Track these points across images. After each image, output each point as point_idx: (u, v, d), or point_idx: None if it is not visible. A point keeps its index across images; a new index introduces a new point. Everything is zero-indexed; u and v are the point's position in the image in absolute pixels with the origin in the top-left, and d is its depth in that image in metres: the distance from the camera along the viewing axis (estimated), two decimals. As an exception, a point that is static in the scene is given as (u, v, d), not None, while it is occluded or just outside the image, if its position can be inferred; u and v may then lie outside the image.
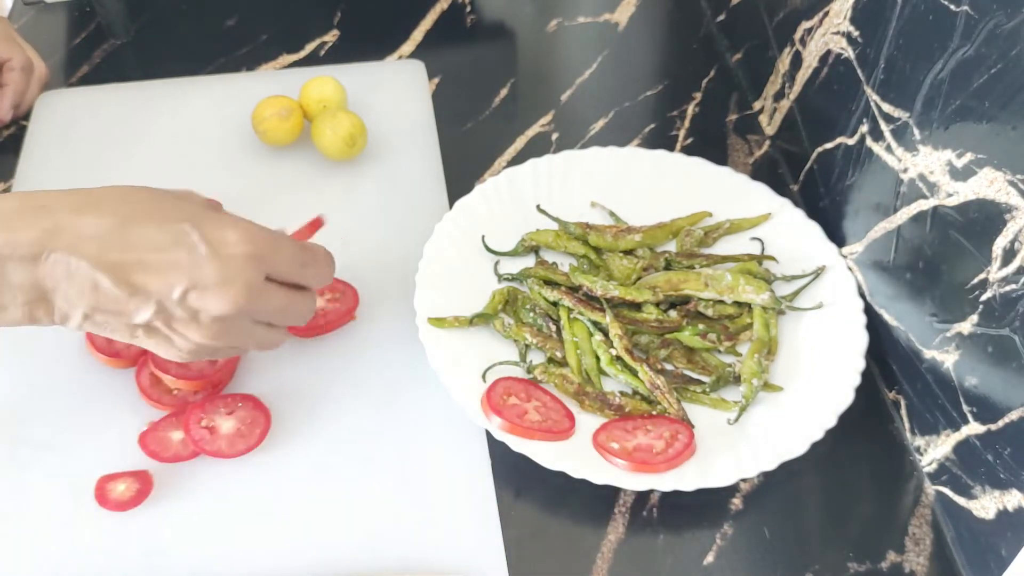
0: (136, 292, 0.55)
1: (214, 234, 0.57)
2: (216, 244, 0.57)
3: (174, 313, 0.57)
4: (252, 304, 0.58)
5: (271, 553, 0.63)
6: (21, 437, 0.68)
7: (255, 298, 0.58)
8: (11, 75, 0.88)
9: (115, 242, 0.55)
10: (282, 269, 0.60)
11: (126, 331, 0.58)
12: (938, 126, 0.63)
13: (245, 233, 0.58)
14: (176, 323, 0.57)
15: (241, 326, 0.59)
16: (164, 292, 0.55)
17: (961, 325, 0.62)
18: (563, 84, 0.95)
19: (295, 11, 1.02)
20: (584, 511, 0.66)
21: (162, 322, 0.57)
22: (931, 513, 0.66)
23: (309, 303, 0.63)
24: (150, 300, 0.56)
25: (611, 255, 0.77)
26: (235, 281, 0.57)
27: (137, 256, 0.55)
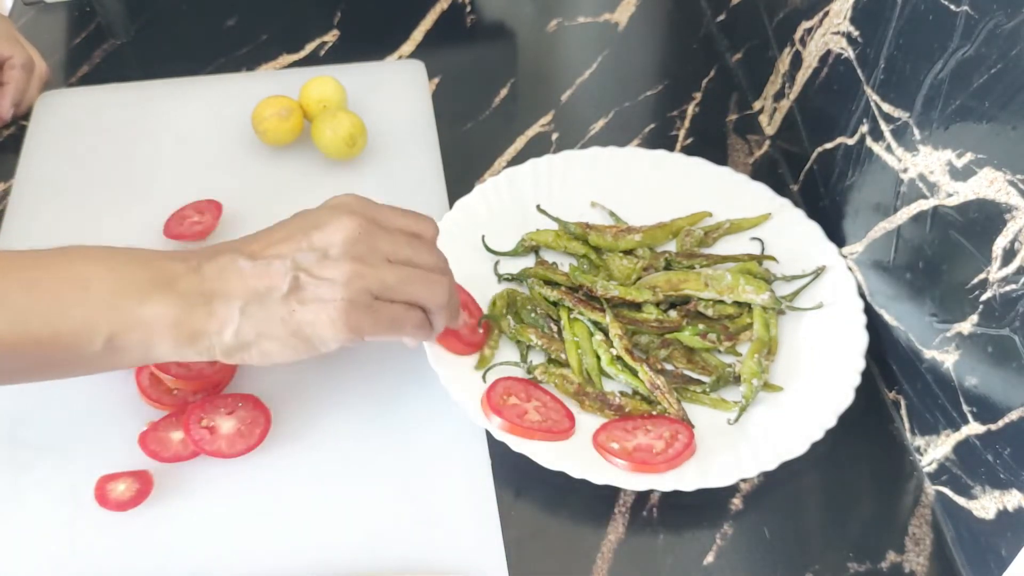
0: (272, 259, 0.60)
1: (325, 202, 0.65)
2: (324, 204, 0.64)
3: (308, 261, 0.60)
4: (368, 225, 0.62)
5: (271, 553, 0.63)
6: (21, 438, 0.68)
7: (370, 224, 0.62)
8: (12, 73, 0.88)
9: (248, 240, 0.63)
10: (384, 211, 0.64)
11: (282, 308, 0.60)
12: (938, 126, 0.63)
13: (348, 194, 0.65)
14: (315, 269, 0.60)
15: (372, 257, 0.61)
16: (294, 248, 0.61)
17: (961, 325, 0.62)
18: (563, 84, 0.95)
19: (295, 11, 1.02)
20: (584, 511, 0.66)
21: (305, 277, 0.60)
22: (931, 513, 0.66)
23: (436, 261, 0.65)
24: (285, 260, 0.60)
25: (611, 255, 0.77)
26: (344, 209, 0.62)
27: (267, 240, 0.62)
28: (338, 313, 0.60)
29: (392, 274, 0.62)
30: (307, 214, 0.63)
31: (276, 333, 0.60)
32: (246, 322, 0.59)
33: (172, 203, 0.81)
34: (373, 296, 0.61)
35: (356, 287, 0.60)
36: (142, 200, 0.82)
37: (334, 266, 0.60)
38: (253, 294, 0.60)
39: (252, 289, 0.60)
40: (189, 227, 0.79)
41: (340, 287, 0.60)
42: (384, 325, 0.62)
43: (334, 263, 0.60)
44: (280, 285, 0.60)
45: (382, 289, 0.61)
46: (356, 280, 0.60)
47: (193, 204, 0.81)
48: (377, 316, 0.61)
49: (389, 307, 0.62)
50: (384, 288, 0.61)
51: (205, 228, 0.79)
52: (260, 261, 0.60)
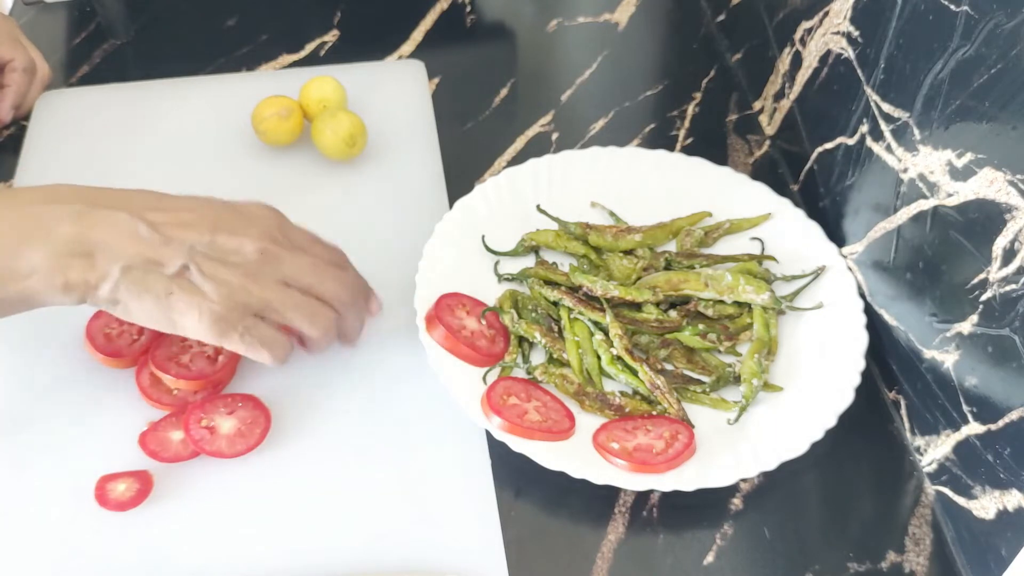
0: (171, 240, 0.60)
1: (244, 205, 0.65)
2: (244, 205, 0.65)
3: (206, 254, 0.61)
4: (276, 248, 0.63)
5: (271, 553, 0.63)
6: (21, 437, 0.68)
7: (277, 244, 0.63)
8: (13, 76, 0.88)
9: (154, 204, 0.62)
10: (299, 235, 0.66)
11: (161, 286, 0.60)
12: (938, 126, 0.63)
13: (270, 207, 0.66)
14: (206, 266, 0.61)
15: (266, 276, 0.62)
16: (195, 238, 0.61)
17: (961, 325, 0.62)
18: (563, 84, 0.95)
19: (295, 11, 1.02)
20: (584, 511, 0.66)
21: (195, 268, 0.60)
22: (931, 513, 0.66)
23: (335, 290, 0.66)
24: (183, 245, 0.60)
25: (611, 255, 0.77)
26: (259, 224, 0.63)
27: (173, 214, 0.61)
28: (210, 316, 0.61)
29: (279, 297, 0.63)
30: (222, 209, 0.63)
31: (147, 306, 0.60)
32: (123, 284, 0.59)
33: (172, 203, 0.81)
34: (253, 313, 0.63)
35: (237, 299, 0.62)
36: (142, 200, 0.82)
37: (228, 271, 0.61)
38: (140, 260, 0.60)
39: (140, 255, 0.60)
40: (189, 227, 0.79)
41: (222, 294, 0.61)
42: (245, 342, 0.63)
43: (227, 268, 0.61)
44: (170, 265, 0.60)
45: (262, 309, 0.63)
46: (240, 293, 0.61)
47: (193, 204, 0.81)
48: (243, 331, 0.62)
49: (260, 327, 0.63)
50: (266, 309, 0.63)
51: (205, 228, 0.79)
52: (159, 235, 0.60)
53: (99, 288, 0.59)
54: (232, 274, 0.61)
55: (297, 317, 0.64)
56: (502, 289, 0.76)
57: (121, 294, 0.60)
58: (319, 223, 0.81)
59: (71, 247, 0.58)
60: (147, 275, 0.60)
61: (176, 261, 0.60)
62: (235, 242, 0.62)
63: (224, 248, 0.62)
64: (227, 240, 0.62)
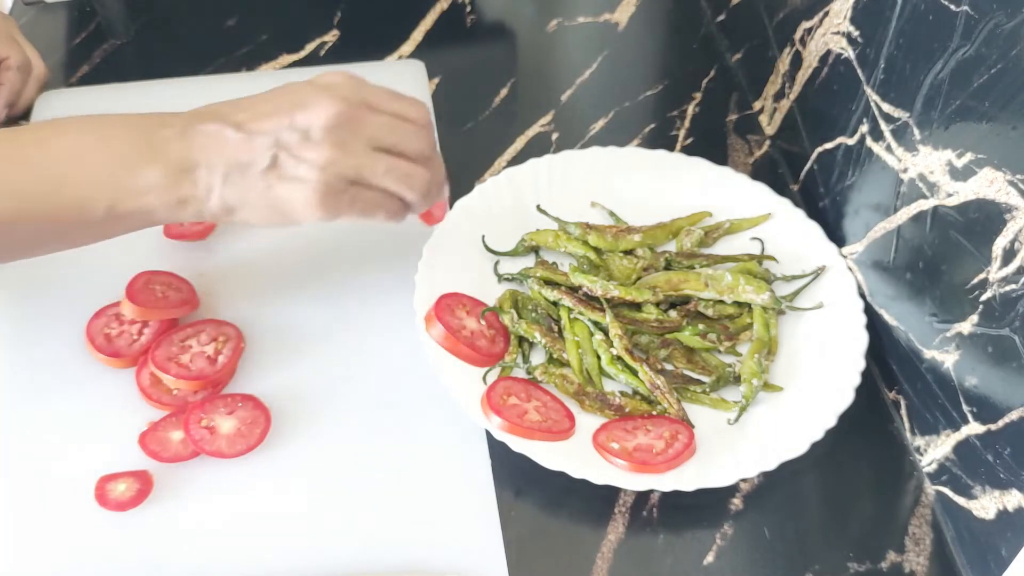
0: (254, 135, 0.62)
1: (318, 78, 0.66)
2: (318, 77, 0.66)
3: (290, 140, 0.62)
4: (353, 111, 0.63)
5: (271, 553, 0.63)
6: (21, 437, 0.68)
7: (356, 107, 0.64)
8: (7, 74, 0.88)
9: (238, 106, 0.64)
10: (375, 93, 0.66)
11: (261, 182, 0.62)
12: (938, 126, 0.63)
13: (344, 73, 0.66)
14: (295, 149, 0.62)
15: (353, 142, 0.63)
16: (275, 125, 0.62)
17: (961, 325, 0.62)
18: (563, 84, 0.95)
19: (295, 11, 1.02)
20: (584, 511, 0.66)
21: (285, 156, 0.62)
22: (931, 513, 0.66)
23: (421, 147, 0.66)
24: (267, 137, 0.62)
25: (611, 255, 0.77)
26: (332, 91, 0.64)
27: (254, 111, 0.63)
28: (312, 194, 0.62)
29: (369, 162, 0.64)
30: (295, 88, 0.65)
31: (255, 203, 0.62)
32: (228, 189, 0.62)
33: (172, 203, 0.81)
34: (349, 181, 0.63)
35: (331, 172, 0.62)
36: (142, 200, 0.82)
37: (313, 148, 0.62)
38: (235, 164, 0.62)
39: (235, 159, 0.62)
40: (189, 227, 0.79)
41: (316, 170, 0.62)
42: (357, 209, 0.64)
43: (314, 145, 0.62)
44: (260, 161, 0.62)
45: (358, 176, 0.63)
46: (331, 166, 0.62)
47: (193, 204, 0.81)
48: (351, 200, 0.63)
49: (364, 192, 0.64)
50: (360, 175, 0.63)
51: (205, 228, 0.79)
52: (244, 134, 0.62)
53: (209, 199, 0.62)
54: (318, 149, 0.62)
55: (391, 180, 0.65)
56: (502, 289, 0.76)
57: (229, 199, 0.62)
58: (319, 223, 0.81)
59: (180, 164, 0.61)
60: (245, 176, 0.62)
61: (266, 155, 0.62)
62: (311, 116, 0.62)
63: (304, 127, 0.62)
64: (304, 117, 0.62)
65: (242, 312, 0.74)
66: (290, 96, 0.64)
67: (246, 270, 0.78)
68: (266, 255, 0.79)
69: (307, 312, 0.75)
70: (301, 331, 0.74)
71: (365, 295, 0.76)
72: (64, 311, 0.74)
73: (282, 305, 0.76)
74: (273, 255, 0.79)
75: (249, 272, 0.78)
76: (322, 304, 0.76)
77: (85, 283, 0.75)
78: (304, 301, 0.76)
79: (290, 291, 0.77)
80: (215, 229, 0.79)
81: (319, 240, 0.80)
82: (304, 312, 0.75)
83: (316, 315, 0.75)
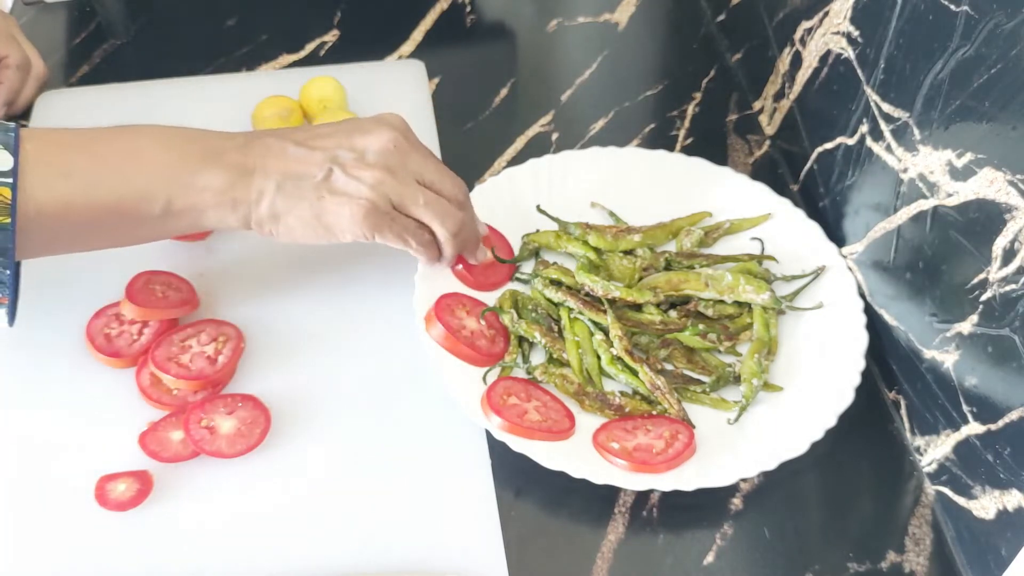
0: (313, 150, 0.67)
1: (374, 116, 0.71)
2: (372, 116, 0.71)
3: (345, 158, 0.67)
4: (405, 144, 0.69)
5: (271, 553, 0.63)
6: (21, 437, 0.68)
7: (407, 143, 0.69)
8: (6, 73, 0.88)
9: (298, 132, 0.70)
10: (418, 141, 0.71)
11: (313, 193, 0.66)
12: (938, 126, 0.63)
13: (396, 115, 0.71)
14: (349, 167, 0.67)
15: (402, 171, 0.68)
16: (336, 144, 0.68)
17: (961, 325, 0.62)
18: (563, 84, 0.95)
19: (295, 11, 1.02)
20: (584, 511, 0.66)
21: (339, 170, 0.67)
22: (931, 513, 0.66)
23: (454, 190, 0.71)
24: (327, 152, 0.67)
25: (611, 255, 0.77)
26: (388, 122, 0.70)
27: (312, 133, 0.69)
28: (360, 210, 0.66)
29: (412, 191, 0.68)
30: (355, 120, 0.71)
31: (303, 213, 0.66)
32: (280, 197, 0.66)
33: (172, 203, 0.81)
34: (392, 205, 0.68)
35: (380, 192, 0.67)
36: (142, 200, 0.82)
37: (367, 168, 0.67)
38: (291, 174, 0.66)
39: (291, 170, 0.66)
40: (189, 227, 0.79)
41: (367, 188, 0.66)
42: (395, 232, 0.68)
43: (367, 166, 0.67)
44: (316, 173, 0.66)
45: (400, 201, 0.68)
46: (381, 186, 0.67)
47: (193, 204, 0.81)
48: (392, 223, 0.68)
49: (403, 219, 0.68)
50: (402, 201, 0.68)
51: (205, 228, 0.79)
52: (303, 148, 0.67)
53: (260, 204, 0.66)
54: (370, 170, 0.67)
55: (429, 213, 0.69)
56: (503, 290, 0.76)
57: (278, 207, 0.66)
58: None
59: (238, 168, 0.66)
60: (298, 186, 0.66)
61: (322, 167, 0.66)
62: (369, 140, 0.68)
63: (361, 147, 0.68)
64: (362, 139, 0.68)
65: (242, 312, 0.74)
66: (349, 124, 0.70)
67: (246, 270, 0.78)
68: (266, 255, 0.79)
69: (307, 312, 0.75)
70: (301, 331, 0.74)
71: (365, 295, 0.76)
72: (64, 311, 0.74)
73: (282, 305, 0.76)
74: (273, 255, 0.79)
75: (249, 272, 0.78)
76: (322, 304, 0.76)
77: (85, 283, 0.75)
78: (304, 301, 0.76)
79: (290, 291, 0.77)
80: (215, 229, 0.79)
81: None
82: (304, 312, 0.75)
83: (316, 315, 0.75)
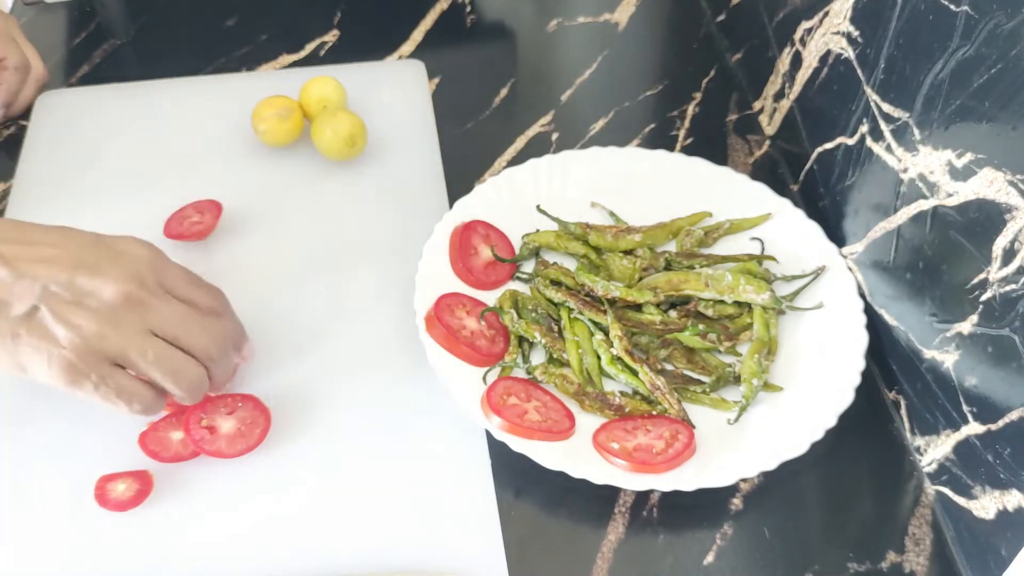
0: (23, 276, 0.56)
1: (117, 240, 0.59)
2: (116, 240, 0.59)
3: (59, 298, 0.56)
4: (143, 295, 0.58)
5: (271, 553, 0.63)
6: (21, 437, 0.68)
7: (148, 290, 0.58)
8: (4, 75, 0.88)
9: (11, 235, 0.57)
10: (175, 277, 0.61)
11: (7, 328, 0.56)
12: (938, 126, 0.63)
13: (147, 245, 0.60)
14: (61, 309, 0.56)
15: (129, 325, 0.57)
16: (51, 276, 0.56)
17: (961, 325, 0.62)
18: (563, 84, 0.95)
19: (295, 11, 1.02)
20: (584, 511, 0.66)
21: (46, 310, 0.56)
22: (931, 513, 0.66)
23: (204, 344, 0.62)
24: (36, 283, 0.56)
25: (611, 255, 0.77)
26: (128, 265, 0.58)
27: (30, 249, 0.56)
28: (60, 364, 0.57)
29: (140, 345, 0.59)
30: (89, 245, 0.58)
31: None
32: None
33: (172, 203, 0.81)
34: (110, 362, 0.58)
35: (91, 347, 0.57)
36: (142, 200, 0.82)
37: (83, 316, 0.57)
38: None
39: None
40: (189, 227, 0.79)
41: (74, 340, 0.57)
42: (102, 394, 0.59)
43: (85, 313, 0.57)
44: (17, 306, 0.56)
45: (123, 357, 0.59)
46: (96, 340, 0.57)
47: (193, 204, 0.81)
48: (101, 384, 0.58)
49: (120, 377, 0.59)
50: (126, 357, 0.59)
51: (205, 228, 0.79)
52: (11, 271, 0.56)
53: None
54: (88, 319, 0.57)
55: (158, 372, 0.60)
56: (503, 289, 0.76)
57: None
58: (319, 223, 0.81)
59: None
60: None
61: (26, 301, 0.56)
62: (96, 283, 0.57)
63: (83, 290, 0.57)
64: (87, 281, 0.57)
65: (242, 312, 0.74)
66: (79, 252, 0.58)
67: (246, 270, 0.78)
68: (266, 255, 0.79)
69: (307, 312, 0.75)
70: (301, 331, 0.74)
71: (365, 295, 0.76)
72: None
73: (282, 305, 0.76)
74: (273, 255, 0.79)
75: (249, 272, 0.78)
76: (322, 304, 0.76)
77: (85, 283, 0.75)
78: (304, 301, 0.76)
79: (290, 291, 0.77)
80: (215, 229, 0.79)
81: (319, 240, 0.80)
82: (304, 312, 0.75)
83: (316, 315, 0.75)
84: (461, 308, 0.72)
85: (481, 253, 0.76)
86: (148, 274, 0.59)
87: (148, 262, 0.60)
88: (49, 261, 0.57)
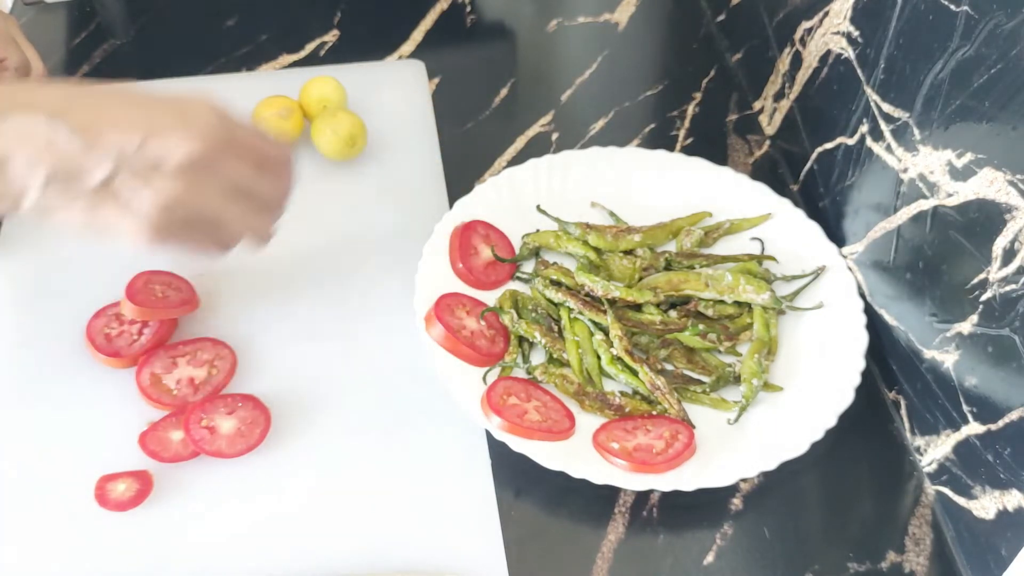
0: (95, 144, 0.54)
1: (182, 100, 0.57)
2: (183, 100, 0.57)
3: (134, 165, 0.55)
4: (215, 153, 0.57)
5: (271, 553, 0.63)
6: (21, 437, 0.68)
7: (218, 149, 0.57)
8: (4, 75, 0.88)
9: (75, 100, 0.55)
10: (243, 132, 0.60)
11: (85, 199, 0.55)
12: (938, 126, 0.63)
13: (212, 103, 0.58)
14: (138, 177, 0.55)
15: (207, 185, 0.57)
16: (123, 143, 0.54)
17: (961, 325, 0.62)
18: (563, 84, 0.95)
19: (295, 11, 1.02)
20: (584, 511, 0.66)
21: (123, 178, 0.55)
22: (931, 513, 0.66)
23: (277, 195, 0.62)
24: (110, 152, 0.54)
25: (611, 255, 0.77)
26: (197, 123, 0.57)
27: (97, 112, 0.55)
28: (141, 227, 0.56)
29: (214, 207, 0.59)
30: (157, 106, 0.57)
31: (73, 217, 0.56)
32: (45, 198, 0.54)
33: (172, 203, 0.81)
34: (185, 219, 0.58)
35: (172, 210, 0.56)
36: (142, 200, 0.82)
37: (158, 180, 0.55)
38: (61, 170, 0.54)
39: (62, 165, 0.54)
40: (189, 227, 0.79)
41: (155, 205, 0.56)
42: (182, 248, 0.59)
43: (160, 177, 0.55)
44: (94, 174, 0.54)
45: (198, 216, 0.58)
46: (174, 204, 0.56)
47: (193, 204, 0.81)
48: (179, 238, 0.58)
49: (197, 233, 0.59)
50: (200, 217, 0.58)
51: (205, 228, 0.79)
52: (79, 139, 0.54)
53: (19, 202, 0.55)
54: (163, 184, 0.55)
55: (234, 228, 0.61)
56: (503, 289, 0.76)
57: (44, 208, 0.55)
58: (319, 223, 0.81)
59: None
60: (69, 186, 0.54)
61: (102, 169, 0.54)
62: (169, 145, 0.55)
63: (155, 155, 0.55)
64: (160, 143, 0.55)
65: (242, 312, 0.74)
66: (147, 112, 0.56)
67: (246, 270, 0.78)
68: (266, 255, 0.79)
69: (307, 312, 0.75)
70: (301, 331, 0.74)
71: (365, 295, 0.76)
72: (64, 311, 0.74)
73: (282, 305, 0.76)
74: (273, 255, 0.79)
75: (249, 272, 0.78)
76: (322, 304, 0.76)
77: (85, 283, 0.75)
78: (304, 301, 0.76)
79: (290, 291, 0.77)
80: (215, 229, 0.79)
81: (320, 240, 0.80)
82: (304, 312, 0.75)
83: (316, 315, 0.75)
84: (461, 308, 0.72)
85: (481, 253, 0.76)
86: (217, 130, 0.58)
87: (216, 118, 0.58)
88: (118, 127, 0.55)
